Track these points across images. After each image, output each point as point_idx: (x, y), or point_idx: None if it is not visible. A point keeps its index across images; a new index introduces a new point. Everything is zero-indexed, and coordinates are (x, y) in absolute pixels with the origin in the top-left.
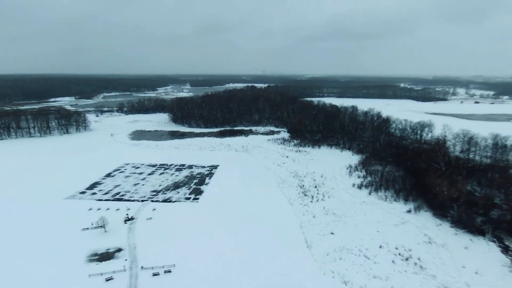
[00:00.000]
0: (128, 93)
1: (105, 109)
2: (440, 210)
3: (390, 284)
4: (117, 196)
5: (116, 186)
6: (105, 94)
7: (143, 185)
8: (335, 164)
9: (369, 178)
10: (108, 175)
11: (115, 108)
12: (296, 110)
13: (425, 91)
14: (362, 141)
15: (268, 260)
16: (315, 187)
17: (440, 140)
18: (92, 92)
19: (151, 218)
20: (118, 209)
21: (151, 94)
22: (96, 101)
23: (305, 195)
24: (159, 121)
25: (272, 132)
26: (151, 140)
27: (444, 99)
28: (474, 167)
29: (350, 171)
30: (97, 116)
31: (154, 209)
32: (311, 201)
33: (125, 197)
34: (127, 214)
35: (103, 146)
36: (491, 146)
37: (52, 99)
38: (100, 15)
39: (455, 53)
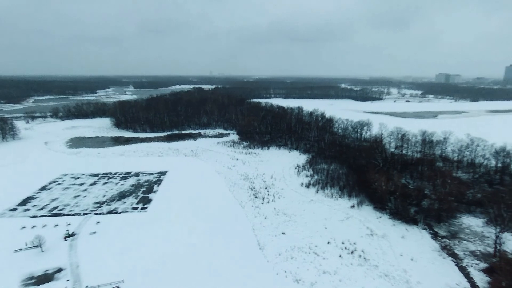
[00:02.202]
0: (64, 96)
1: (37, 114)
2: (380, 203)
3: (338, 277)
4: (54, 211)
5: (53, 200)
6: (37, 97)
7: (84, 197)
8: (284, 164)
9: (316, 177)
10: (43, 188)
11: (48, 114)
12: (245, 112)
13: (363, 91)
14: (308, 140)
15: (222, 266)
16: (266, 188)
17: (377, 138)
18: (20, 95)
19: (95, 232)
20: (56, 225)
21: (90, 97)
22: (26, 106)
23: (256, 197)
24: (100, 126)
25: (221, 135)
26: (92, 148)
27: (380, 99)
28: (407, 161)
29: (298, 171)
30: (27, 122)
31: (98, 222)
32: (262, 203)
33: (64, 212)
34: (67, 230)
35: (36, 156)
36: (420, 142)
37: None
38: (30, 11)
39: (387, 56)
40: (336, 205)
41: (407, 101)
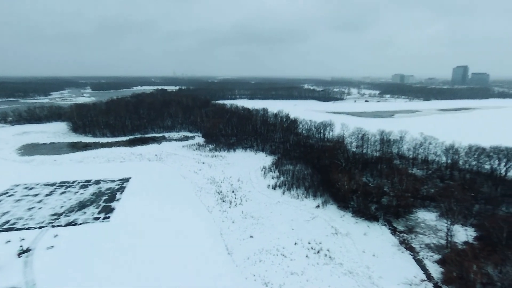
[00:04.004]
0: (13, 99)
1: None
2: (343, 202)
3: (305, 278)
4: (6, 226)
5: (3, 214)
6: None
7: (40, 208)
8: (250, 166)
9: (282, 178)
10: None
11: None
12: (210, 114)
13: (326, 91)
14: (274, 142)
15: (190, 273)
16: (233, 191)
17: (339, 139)
18: None
19: (52, 246)
20: (8, 241)
21: (44, 100)
22: None
23: (223, 201)
24: (56, 131)
25: (186, 138)
26: (47, 155)
27: (341, 99)
28: (367, 160)
29: (264, 173)
30: None
31: (56, 235)
32: (230, 207)
33: (17, 226)
34: (21, 246)
35: None
36: (379, 141)
37: None
38: None
39: (347, 57)
40: (302, 206)
41: (366, 101)
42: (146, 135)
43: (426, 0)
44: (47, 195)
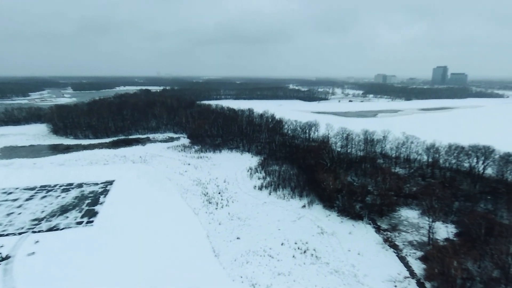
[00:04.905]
0: None
1: None
2: (329, 202)
3: (292, 278)
4: None
5: None
6: None
7: (19, 214)
8: (236, 167)
9: (268, 179)
10: None
11: None
12: (195, 115)
13: (310, 91)
14: (259, 142)
15: (176, 276)
16: (219, 193)
17: (324, 139)
18: None
19: (33, 253)
20: None
21: (22, 100)
22: None
23: (209, 202)
24: (36, 133)
25: (171, 139)
26: (27, 158)
27: (326, 99)
28: (352, 160)
29: (250, 174)
30: None
31: (37, 241)
32: (216, 208)
33: None
34: (0, 253)
35: None
36: (363, 141)
37: None
38: None
39: (330, 58)
40: (288, 206)
41: (350, 100)
42: (130, 137)
43: (404, 2)
44: (27, 199)
